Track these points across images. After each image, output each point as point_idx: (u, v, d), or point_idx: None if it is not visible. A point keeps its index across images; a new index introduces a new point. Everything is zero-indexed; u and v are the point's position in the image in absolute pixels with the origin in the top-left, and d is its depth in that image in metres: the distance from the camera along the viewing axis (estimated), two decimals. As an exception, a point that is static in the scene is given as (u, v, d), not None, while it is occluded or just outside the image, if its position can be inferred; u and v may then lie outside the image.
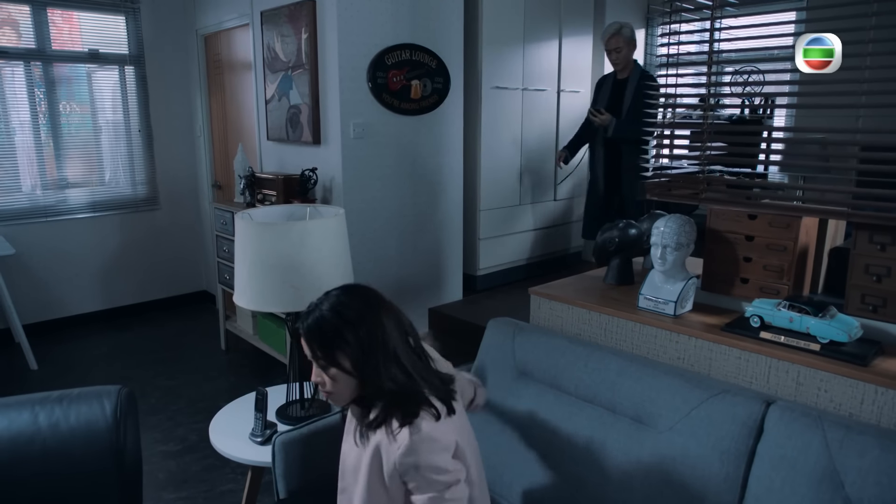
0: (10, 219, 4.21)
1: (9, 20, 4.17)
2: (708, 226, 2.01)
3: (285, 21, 3.58)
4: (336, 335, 1.35)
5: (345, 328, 1.34)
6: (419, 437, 1.30)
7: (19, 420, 1.74)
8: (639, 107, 3.37)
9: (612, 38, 3.63)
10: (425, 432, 1.31)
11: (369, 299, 1.40)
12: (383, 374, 1.33)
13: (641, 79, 3.62)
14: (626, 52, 3.65)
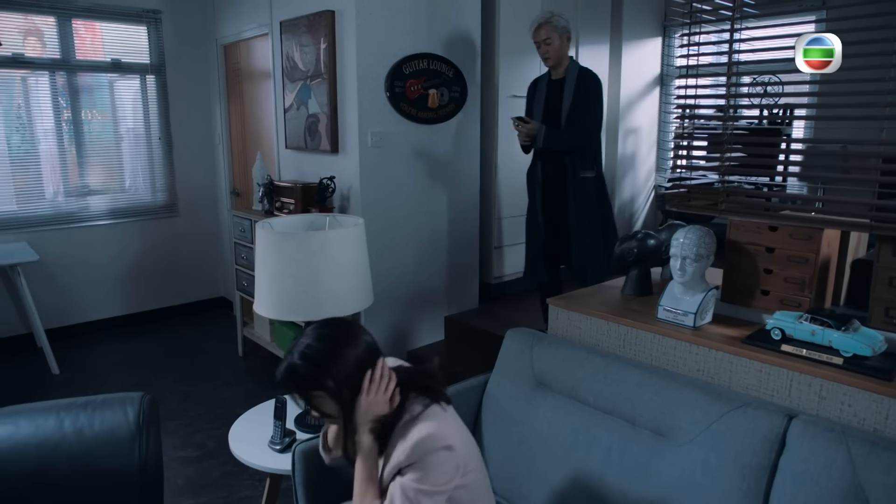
0: (33, 225, 4.28)
1: (35, 31, 4.25)
2: (728, 237, 2.00)
3: (304, 31, 3.62)
4: (310, 382, 1.36)
5: (316, 373, 1.35)
6: (431, 437, 1.32)
7: (45, 426, 1.77)
8: (579, 111, 3.08)
9: (541, 28, 3.11)
10: (437, 433, 1.33)
11: (337, 336, 1.40)
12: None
13: (580, 77, 3.13)
14: (559, 45, 3.12)
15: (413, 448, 1.32)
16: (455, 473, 1.35)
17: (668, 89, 5.25)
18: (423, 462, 1.31)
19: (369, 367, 1.39)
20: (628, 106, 5.02)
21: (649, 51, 5.09)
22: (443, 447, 1.33)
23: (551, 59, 3.15)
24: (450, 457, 1.34)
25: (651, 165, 5.37)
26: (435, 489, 1.31)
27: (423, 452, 1.32)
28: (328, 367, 1.35)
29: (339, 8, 3.40)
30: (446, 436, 1.35)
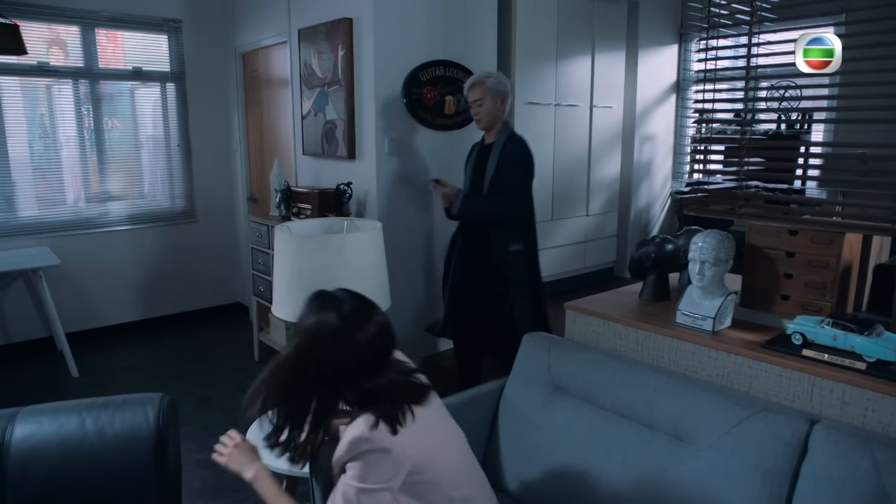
0: (54, 230, 4.35)
1: (59, 40, 4.33)
2: (747, 242, 1.99)
3: (322, 38, 3.66)
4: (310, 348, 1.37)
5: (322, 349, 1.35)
6: (362, 440, 1.30)
7: (68, 425, 1.79)
8: (501, 180, 2.87)
9: (474, 88, 2.92)
10: (368, 435, 1.30)
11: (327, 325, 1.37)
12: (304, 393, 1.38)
13: (506, 145, 2.91)
14: (490, 108, 2.90)
15: (348, 445, 1.32)
16: (395, 473, 1.32)
17: (684, 96, 5.24)
18: (360, 460, 1.31)
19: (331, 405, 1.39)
20: (644, 113, 5.01)
21: (665, 58, 5.09)
22: (378, 449, 1.30)
23: (482, 121, 2.96)
24: (385, 458, 1.31)
25: (667, 172, 5.35)
26: (374, 486, 1.31)
27: (357, 451, 1.31)
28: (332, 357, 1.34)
29: (357, 16, 3.44)
30: (378, 438, 1.31)
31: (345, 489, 1.33)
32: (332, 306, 1.39)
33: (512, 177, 2.88)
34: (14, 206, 4.23)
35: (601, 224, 4.86)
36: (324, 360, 1.35)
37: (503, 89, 2.93)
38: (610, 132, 4.82)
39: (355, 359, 1.35)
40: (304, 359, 1.36)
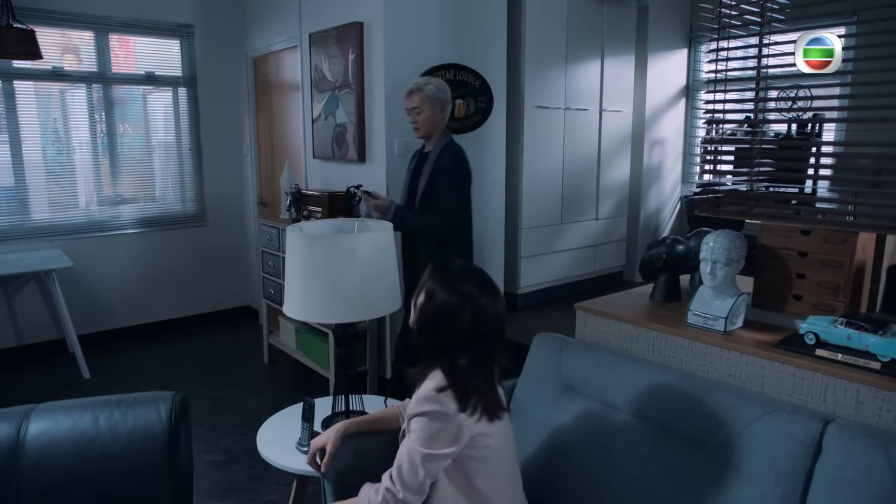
0: (67, 233, 4.39)
1: (73, 46, 4.38)
2: (759, 242, 1.98)
3: (333, 42, 3.69)
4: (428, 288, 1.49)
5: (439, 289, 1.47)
6: (431, 398, 1.41)
7: (81, 421, 1.80)
8: (434, 192, 2.79)
9: (412, 95, 2.82)
10: (437, 397, 1.41)
11: (482, 282, 1.50)
12: (433, 339, 1.48)
13: (441, 155, 2.82)
14: (428, 116, 2.81)
15: (417, 401, 1.44)
16: (456, 440, 1.42)
17: (694, 99, 5.23)
18: (425, 418, 1.42)
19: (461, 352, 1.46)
20: (654, 117, 5.01)
21: (675, 62, 5.09)
22: (440, 411, 1.41)
23: (420, 129, 2.86)
24: (443, 426, 1.41)
25: (677, 177, 5.34)
26: (438, 452, 1.41)
27: (423, 409, 1.42)
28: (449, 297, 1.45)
29: (368, 19, 3.46)
30: (442, 402, 1.41)
31: (410, 449, 1.43)
32: (467, 278, 1.50)
33: (445, 190, 2.79)
34: (28, 209, 4.27)
35: (610, 228, 4.85)
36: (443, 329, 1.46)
37: (442, 97, 2.83)
38: (619, 136, 4.82)
39: (468, 334, 1.45)
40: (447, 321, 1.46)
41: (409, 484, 1.43)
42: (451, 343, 1.45)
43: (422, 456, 1.42)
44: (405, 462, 1.44)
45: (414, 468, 1.42)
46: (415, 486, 1.44)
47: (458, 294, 1.45)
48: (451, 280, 1.48)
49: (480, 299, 1.46)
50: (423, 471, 1.43)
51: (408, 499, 1.44)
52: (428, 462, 1.42)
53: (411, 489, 1.44)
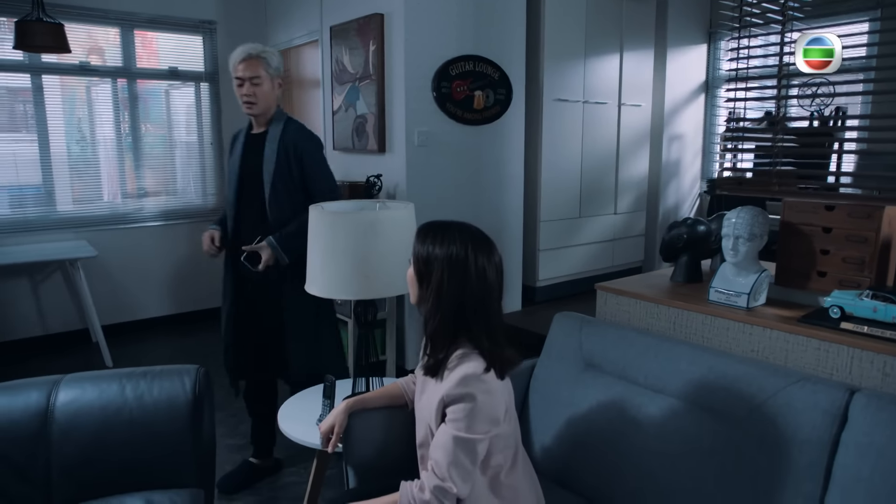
0: (92, 225, 4.46)
1: (99, 41, 4.47)
2: (782, 219, 1.97)
3: (354, 34, 3.73)
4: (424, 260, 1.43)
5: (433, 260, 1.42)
6: (475, 376, 1.36)
7: (108, 391, 1.84)
8: (292, 180, 2.40)
9: (249, 63, 2.35)
10: (480, 374, 1.36)
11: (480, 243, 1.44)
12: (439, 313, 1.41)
13: (289, 135, 2.42)
14: (268, 89, 2.40)
15: (460, 381, 1.36)
16: (495, 419, 1.39)
17: (714, 95, 5.20)
18: (465, 402, 1.35)
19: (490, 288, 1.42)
20: (673, 112, 4.99)
21: (694, 57, 5.07)
22: (486, 390, 1.37)
23: (258, 104, 2.40)
24: (486, 402, 1.36)
25: (696, 173, 5.31)
26: (479, 437, 1.36)
27: (466, 391, 1.35)
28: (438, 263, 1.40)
29: (388, 11, 3.50)
30: (485, 380, 1.37)
31: (453, 438, 1.35)
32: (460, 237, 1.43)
33: (322, 174, 2.46)
34: (54, 201, 4.35)
35: (629, 223, 4.83)
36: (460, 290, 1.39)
37: (281, 69, 2.47)
38: (638, 130, 4.81)
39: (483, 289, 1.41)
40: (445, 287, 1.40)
41: (462, 475, 1.36)
42: (473, 302, 1.40)
43: (473, 442, 1.35)
44: (453, 453, 1.35)
45: (467, 456, 1.35)
46: (468, 475, 1.36)
47: (460, 246, 1.40)
48: (446, 235, 1.42)
49: (483, 246, 1.42)
50: (476, 456, 1.37)
51: (462, 491, 1.36)
52: (479, 446, 1.37)
53: (464, 479, 1.36)
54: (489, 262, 1.42)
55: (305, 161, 2.42)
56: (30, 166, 4.26)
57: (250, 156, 2.46)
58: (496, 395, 1.39)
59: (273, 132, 2.42)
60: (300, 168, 2.41)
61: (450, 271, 1.39)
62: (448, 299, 1.40)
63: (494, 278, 1.43)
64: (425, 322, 1.45)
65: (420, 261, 1.45)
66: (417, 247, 1.46)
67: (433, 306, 1.41)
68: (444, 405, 1.39)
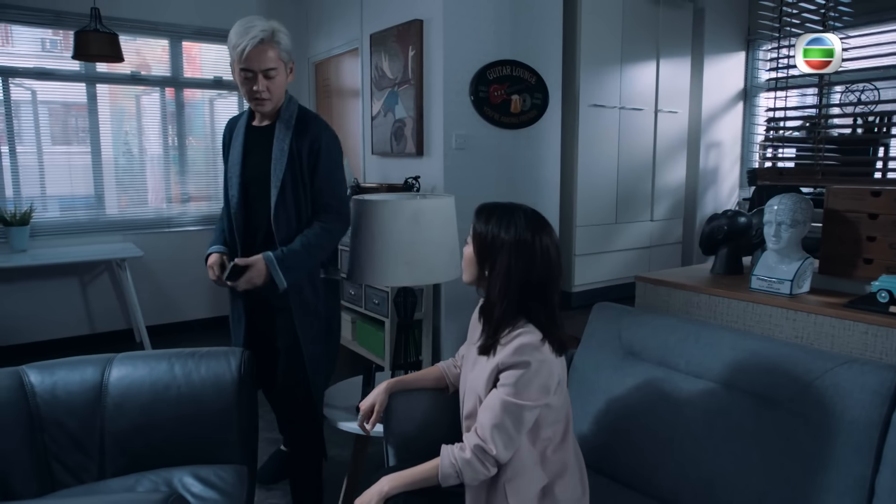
0: (138, 228, 4.62)
1: (150, 52, 4.66)
2: (826, 206, 1.95)
3: (393, 41, 3.82)
4: (487, 240, 1.45)
5: (497, 240, 1.43)
6: (532, 345, 1.38)
7: (158, 368, 1.91)
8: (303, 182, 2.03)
9: (260, 51, 1.90)
10: (537, 343, 1.38)
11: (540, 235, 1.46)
12: (501, 291, 1.42)
13: (302, 125, 2.06)
14: (283, 80, 2.02)
15: (516, 349, 1.38)
16: (546, 390, 1.40)
17: (752, 104, 5.16)
18: (520, 369, 1.38)
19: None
20: (710, 119, 4.97)
21: (732, 65, 5.04)
22: (542, 360, 1.39)
23: (272, 100, 2.01)
24: (539, 371, 1.38)
25: (734, 181, 5.26)
26: (529, 403, 1.38)
27: (521, 359, 1.37)
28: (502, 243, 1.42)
29: (427, 17, 3.58)
30: (541, 351, 1.40)
31: (502, 402, 1.38)
32: (524, 218, 1.46)
33: (335, 178, 2.07)
34: (103, 205, 4.52)
35: (666, 230, 4.80)
36: (527, 272, 1.42)
37: (292, 52, 2.04)
38: (675, 137, 4.79)
39: (547, 270, 1.43)
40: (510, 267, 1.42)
41: (505, 440, 1.38)
42: (538, 283, 1.42)
43: (521, 408, 1.37)
44: (499, 416, 1.38)
45: (512, 422, 1.37)
46: (510, 441, 1.38)
47: (525, 228, 1.42)
48: (511, 218, 1.44)
49: (545, 226, 1.45)
50: (522, 425, 1.39)
51: (501, 455, 1.38)
52: (527, 413, 1.38)
53: (506, 444, 1.38)
54: (551, 241, 1.45)
55: (321, 163, 2.02)
56: (83, 176, 4.45)
57: (254, 155, 2.05)
58: (551, 365, 1.41)
59: (282, 126, 2.01)
60: (313, 172, 2.02)
61: (517, 254, 1.42)
62: (515, 282, 1.42)
63: (556, 257, 1.45)
64: (487, 303, 1.47)
65: (483, 242, 1.46)
66: (480, 227, 1.48)
67: (501, 289, 1.43)
68: (498, 371, 1.42)
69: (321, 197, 2.05)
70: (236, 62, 1.94)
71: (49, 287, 4.32)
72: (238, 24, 1.93)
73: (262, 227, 2.07)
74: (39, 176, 4.32)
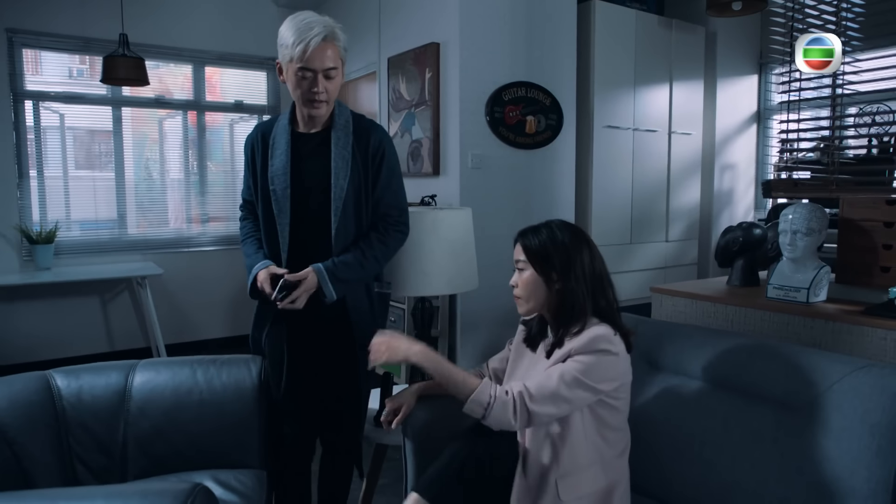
0: (158, 247, 4.70)
1: (173, 76, 4.80)
2: (841, 216, 1.96)
3: (410, 64, 3.91)
4: (542, 253, 1.52)
5: (552, 252, 1.52)
6: (605, 337, 1.44)
7: (181, 374, 1.94)
8: (365, 192, 1.88)
9: (324, 48, 1.74)
10: (611, 337, 1.46)
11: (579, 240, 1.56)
12: (574, 297, 1.49)
13: (362, 129, 1.91)
14: (340, 82, 1.85)
15: (589, 340, 1.44)
16: (611, 381, 1.46)
17: (766, 126, 5.19)
18: (592, 355, 1.43)
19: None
20: (724, 141, 4.99)
21: (745, 87, 5.08)
22: (613, 352, 1.45)
23: (330, 102, 1.84)
24: (613, 361, 1.45)
25: (749, 203, 5.25)
26: (589, 382, 1.42)
27: (595, 347, 1.44)
28: (559, 253, 1.51)
29: (444, 40, 3.67)
30: (616, 343, 1.47)
31: (563, 373, 1.43)
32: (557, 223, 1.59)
33: (392, 190, 1.93)
34: (125, 225, 4.62)
35: (681, 251, 4.79)
36: (591, 261, 1.54)
37: (347, 51, 1.86)
38: (689, 159, 4.82)
39: (602, 261, 1.58)
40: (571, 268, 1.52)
41: (550, 403, 1.41)
42: (601, 271, 1.54)
43: (573, 378, 1.41)
44: (556, 382, 1.42)
45: (560, 385, 1.41)
46: (554, 407, 1.41)
47: (564, 229, 1.54)
48: (550, 228, 1.55)
49: (578, 228, 1.57)
50: (567, 391, 1.41)
51: (535, 410, 1.40)
52: (576, 387, 1.42)
53: (549, 407, 1.41)
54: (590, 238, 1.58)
55: (384, 170, 1.90)
56: (106, 199, 4.57)
57: (307, 164, 1.87)
58: (620, 360, 1.48)
59: (340, 133, 1.86)
60: (375, 180, 1.89)
61: (580, 250, 1.52)
62: (590, 275, 1.52)
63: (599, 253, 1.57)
64: (564, 306, 1.52)
65: (543, 253, 1.52)
66: (532, 243, 1.54)
67: (573, 284, 1.50)
68: (569, 356, 1.46)
69: (380, 206, 1.91)
70: (294, 61, 1.74)
71: (71, 305, 4.40)
72: (294, 21, 1.76)
73: (311, 240, 1.87)
74: (64, 199, 4.44)
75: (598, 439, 1.49)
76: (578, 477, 1.48)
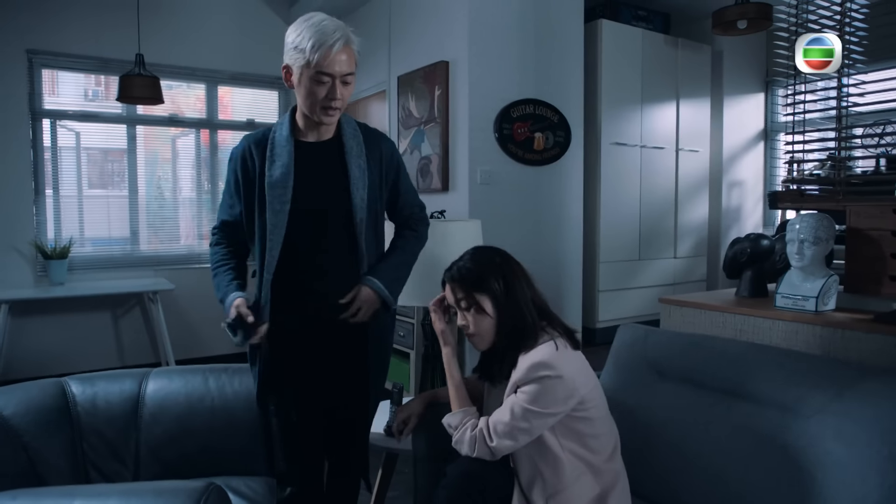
0: (170, 263, 4.75)
1: (187, 96, 4.89)
2: (848, 225, 1.97)
3: (420, 82, 3.97)
4: (479, 280, 1.56)
5: (487, 273, 1.56)
6: (543, 363, 1.45)
7: (193, 381, 1.97)
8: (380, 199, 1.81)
9: (343, 54, 1.61)
10: (550, 360, 1.46)
11: (502, 253, 1.64)
12: (524, 308, 1.53)
13: (391, 147, 1.87)
14: (353, 87, 1.71)
15: (528, 369, 1.46)
16: (564, 402, 1.46)
17: (773, 145, 5.21)
18: (535, 384, 1.45)
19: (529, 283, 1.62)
20: (731, 159, 5.02)
21: (752, 105, 5.13)
22: (555, 375, 1.45)
23: (342, 110, 1.72)
24: (557, 384, 1.45)
25: (758, 220, 5.26)
26: (542, 410, 1.44)
27: (535, 375, 1.45)
28: (493, 272, 1.56)
29: (453, 58, 3.73)
30: (557, 366, 1.46)
31: (514, 406, 1.47)
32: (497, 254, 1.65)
33: (412, 191, 1.94)
34: (138, 241, 4.68)
35: (690, 267, 4.80)
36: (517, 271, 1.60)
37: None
38: (697, 176, 4.85)
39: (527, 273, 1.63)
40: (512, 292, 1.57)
41: (503, 432, 1.47)
42: (528, 281, 1.59)
43: (523, 410, 1.45)
44: (505, 413, 1.47)
45: (512, 419, 1.46)
46: (506, 436, 1.46)
47: (487, 263, 1.59)
48: (467, 258, 1.63)
49: (502, 254, 1.64)
50: (522, 423, 1.45)
51: (495, 446, 1.47)
52: (530, 417, 1.45)
53: (503, 436, 1.47)
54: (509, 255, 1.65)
55: (402, 175, 1.88)
56: (119, 218, 4.64)
57: (317, 175, 1.75)
58: (566, 378, 1.47)
59: (352, 142, 1.76)
60: (396, 187, 1.87)
61: (503, 262, 1.59)
62: (517, 276, 1.58)
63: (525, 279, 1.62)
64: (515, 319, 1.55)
65: (476, 281, 1.57)
66: (464, 275, 1.59)
67: (518, 294, 1.56)
68: (516, 388, 1.49)
69: (405, 209, 1.90)
70: (310, 66, 1.60)
71: (83, 320, 4.44)
72: (308, 24, 1.63)
73: (341, 264, 1.77)
74: (79, 216, 4.51)
75: (581, 451, 1.51)
76: (568, 493, 1.49)
